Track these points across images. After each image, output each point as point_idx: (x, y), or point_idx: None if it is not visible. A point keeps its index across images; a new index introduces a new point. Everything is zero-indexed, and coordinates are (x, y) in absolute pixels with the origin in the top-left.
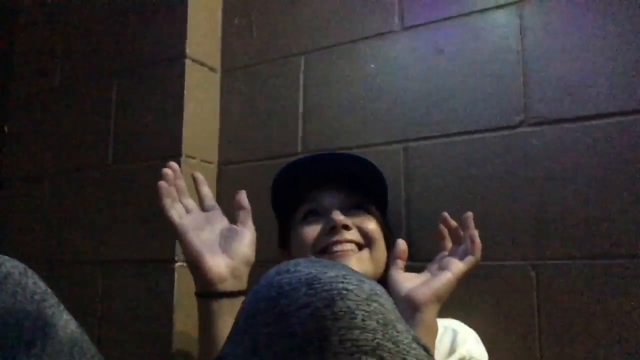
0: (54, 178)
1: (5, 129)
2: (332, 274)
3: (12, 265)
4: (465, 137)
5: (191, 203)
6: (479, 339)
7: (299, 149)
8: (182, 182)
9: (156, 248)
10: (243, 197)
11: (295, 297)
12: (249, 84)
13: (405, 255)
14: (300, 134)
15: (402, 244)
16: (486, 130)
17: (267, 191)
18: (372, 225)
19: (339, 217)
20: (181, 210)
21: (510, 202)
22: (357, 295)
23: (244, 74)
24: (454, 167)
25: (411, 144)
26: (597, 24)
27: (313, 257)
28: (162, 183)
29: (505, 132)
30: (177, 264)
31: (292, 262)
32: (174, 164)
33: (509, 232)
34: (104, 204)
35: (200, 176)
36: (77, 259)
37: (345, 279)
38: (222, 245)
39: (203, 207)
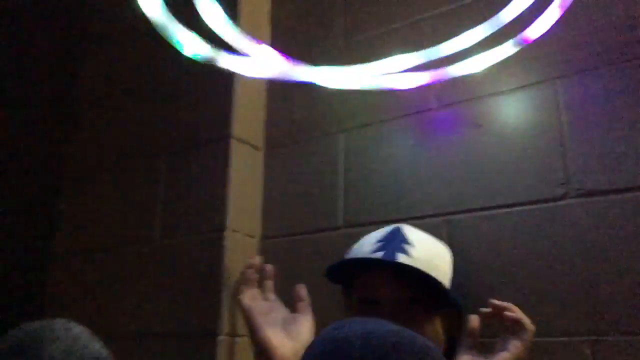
0: (104, 252)
1: (61, 206)
2: (386, 329)
3: (81, 330)
4: (508, 209)
5: (258, 292)
6: None
7: (340, 223)
8: (255, 275)
9: (199, 321)
10: (303, 290)
11: (349, 351)
12: (291, 160)
13: (475, 333)
14: (341, 208)
15: (473, 321)
16: (529, 203)
17: (308, 264)
18: (424, 329)
19: None
20: (250, 296)
21: (560, 276)
22: (411, 350)
23: (286, 152)
24: (498, 240)
25: (453, 217)
26: (634, 97)
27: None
28: (246, 270)
29: (549, 205)
30: (220, 337)
31: (347, 319)
32: (257, 259)
33: (561, 308)
34: (150, 278)
35: (270, 269)
36: (120, 331)
37: (399, 334)
38: (286, 330)
39: (265, 297)
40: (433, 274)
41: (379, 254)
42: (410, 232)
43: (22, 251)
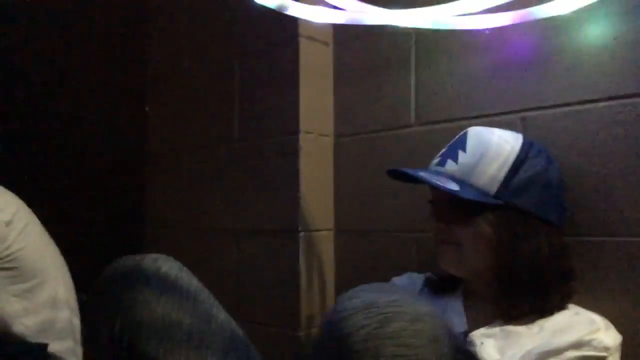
0: (190, 153)
1: (147, 108)
2: (387, 299)
3: (170, 266)
4: (587, 105)
5: None
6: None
7: (412, 120)
8: None
9: (281, 219)
10: None
11: (354, 320)
12: (362, 56)
13: None
14: (413, 105)
15: None
16: (609, 99)
17: (381, 162)
18: (464, 230)
19: (435, 229)
20: None
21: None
22: (408, 316)
23: (355, 45)
24: (575, 137)
25: (528, 113)
26: None
27: (378, 283)
28: None
29: (631, 100)
30: (301, 234)
31: (358, 288)
32: None
33: (636, 208)
34: (231, 178)
35: None
36: (214, 227)
37: (398, 302)
38: None
39: None
40: (472, 180)
41: (435, 161)
42: (474, 134)
43: (123, 152)
